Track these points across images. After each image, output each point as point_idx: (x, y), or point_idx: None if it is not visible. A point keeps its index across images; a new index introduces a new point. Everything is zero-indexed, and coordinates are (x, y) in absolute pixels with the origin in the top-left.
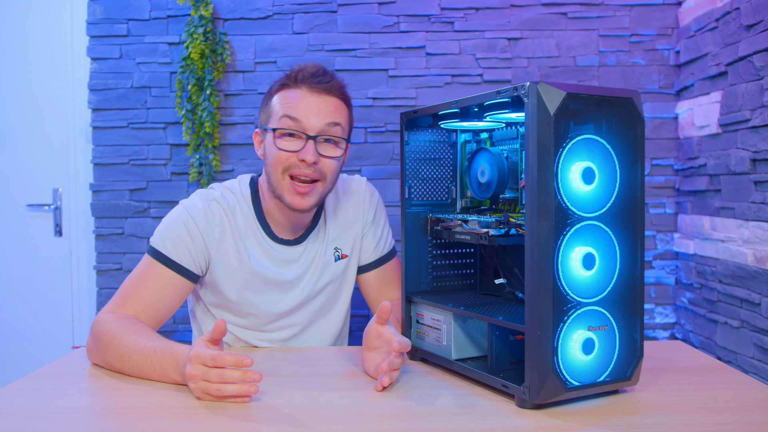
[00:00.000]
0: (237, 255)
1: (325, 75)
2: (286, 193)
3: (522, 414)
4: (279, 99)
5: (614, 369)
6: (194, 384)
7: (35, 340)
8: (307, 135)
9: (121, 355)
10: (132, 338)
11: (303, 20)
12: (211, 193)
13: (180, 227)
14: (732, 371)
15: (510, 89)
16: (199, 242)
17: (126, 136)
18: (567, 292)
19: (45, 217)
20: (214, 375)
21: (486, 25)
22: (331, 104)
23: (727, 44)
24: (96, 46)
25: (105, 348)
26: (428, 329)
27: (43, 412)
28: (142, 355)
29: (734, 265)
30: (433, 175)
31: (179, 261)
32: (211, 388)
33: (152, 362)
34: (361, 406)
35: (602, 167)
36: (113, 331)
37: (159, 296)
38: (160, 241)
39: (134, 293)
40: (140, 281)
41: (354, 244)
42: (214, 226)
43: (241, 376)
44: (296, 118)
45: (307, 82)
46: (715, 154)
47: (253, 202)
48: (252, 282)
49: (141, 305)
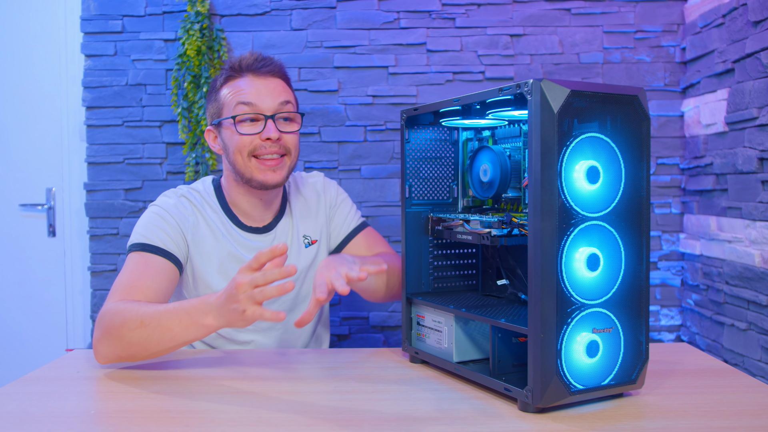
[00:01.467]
0: (214, 241)
1: (265, 59)
2: (255, 173)
3: (525, 418)
4: (229, 90)
5: (619, 372)
6: (243, 294)
7: (28, 342)
8: (265, 116)
9: (141, 321)
10: (150, 307)
11: (301, 16)
12: (178, 190)
13: (156, 219)
14: (739, 374)
15: (513, 86)
16: (176, 228)
17: (121, 135)
18: (571, 293)
19: (38, 217)
20: (259, 277)
21: (488, 21)
22: (278, 84)
23: (734, 41)
24: (90, 42)
25: (120, 325)
26: (429, 331)
27: (36, 416)
28: (165, 314)
29: (741, 266)
30: (434, 174)
31: (164, 246)
32: (256, 294)
33: (176, 315)
34: (360, 410)
35: (607, 166)
36: (127, 307)
37: (154, 281)
38: (141, 236)
39: (133, 284)
40: (134, 273)
41: (322, 230)
42: (187, 215)
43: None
44: (251, 102)
45: (252, 69)
46: (721, 152)
47: (217, 197)
48: (229, 266)
49: (143, 294)
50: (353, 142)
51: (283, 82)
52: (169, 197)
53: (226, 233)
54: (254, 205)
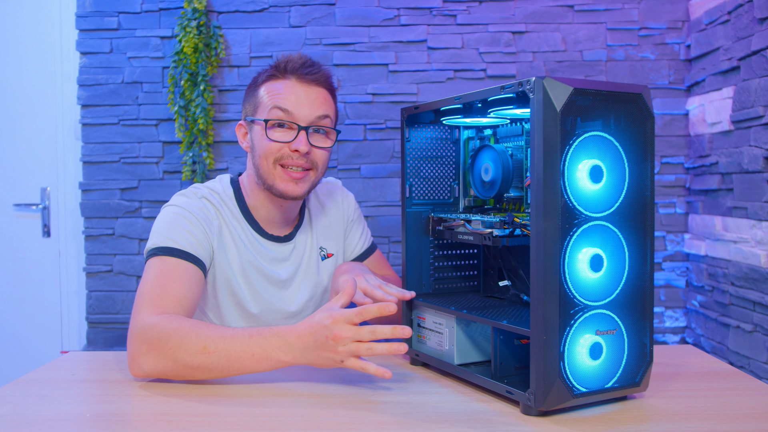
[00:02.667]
0: (235, 248)
1: (313, 66)
2: (278, 181)
3: (527, 421)
4: (267, 90)
5: (623, 374)
6: (343, 347)
7: (22, 344)
8: (299, 126)
9: (204, 347)
10: (211, 330)
11: (300, 13)
12: (198, 191)
13: (179, 219)
14: (745, 377)
15: (515, 84)
16: (201, 230)
17: (116, 133)
18: (574, 294)
19: (33, 217)
20: (365, 333)
21: (490, 18)
22: (321, 95)
23: (740, 38)
24: (85, 39)
25: (177, 346)
26: (430, 333)
27: (30, 419)
28: (234, 342)
29: (747, 267)
30: (435, 173)
31: (190, 250)
32: (361, 349)
33: (249, 346)
34: (360, 414)
35: (610, 165)
36: (183, 327)
37: (188, 289)
38: (164, 238)
39: (164, 292)
40: (164, 280)
41: (338, 244)
42: (212, 219)
43: (391, 332)
44: (287, 110)
45: (296, 73)
46: (727, 151)
47: (237, 200)
48: (250, 274)
49: (176, 302)
50: (353, 140)
51: (326, 93)
52: (190, 198)
53: (246, 240)
54: (273, 213)
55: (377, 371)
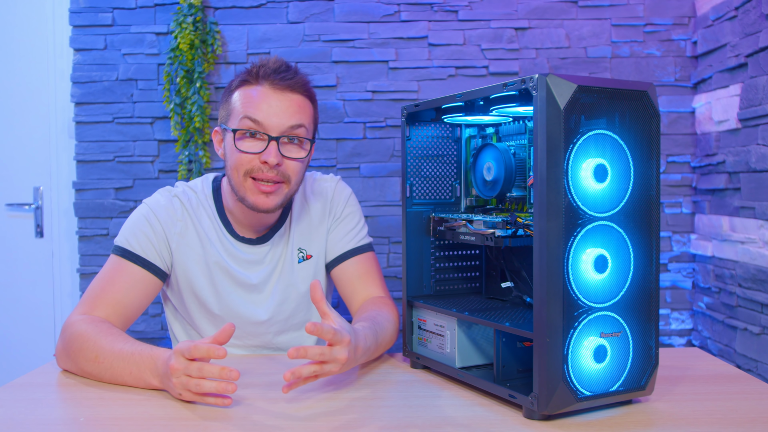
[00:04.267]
0: (201, 248)
1: (288, 71)
2: (248, 194)
3: (530, 425)
4: (239, 97)
5: (628, 378)
6: (176, 378)
7: (15, 347)
8: (269, 136)
9: (96, 356)
10: (108, 340)
11: (298, 9)
12: (174, 189)
13: (142, 222)
14: (752, 380)
15: (517, 82)
16: (160, 236)
17: (111, 132)
18: (578, 296)
19: (25, 218)
20: (194, 369)
21: (492, 13)
22: (295, 102)
23: (747, 34)
24: (79, 36)
25: (78, 350)
26: (431, 335)
27: (23, 423)
28: (119, 357)
29: (755, 268)
30: (436, 172)
31: (144, 256)
32: (190, 383)
33: (128, 364)
34: (359, 417)
35: (615, 164)
36: (87, 332)
37: (126, 294)
38: (124, 239)
39: (102, 293)
40: (107, 281)
41: (320, 246)
42: (176, 220)
43: (218, 372)
44: (257, 120)
45: (269, 79)
46: (734, 150)
47: (214, 200)
48: (216, 276)
49: (110, 304)
50: (352, 139)
51: (302, 99)
52: (162, 196)
53: (216, 240)
54: (249, 217)
55: (215, 401)
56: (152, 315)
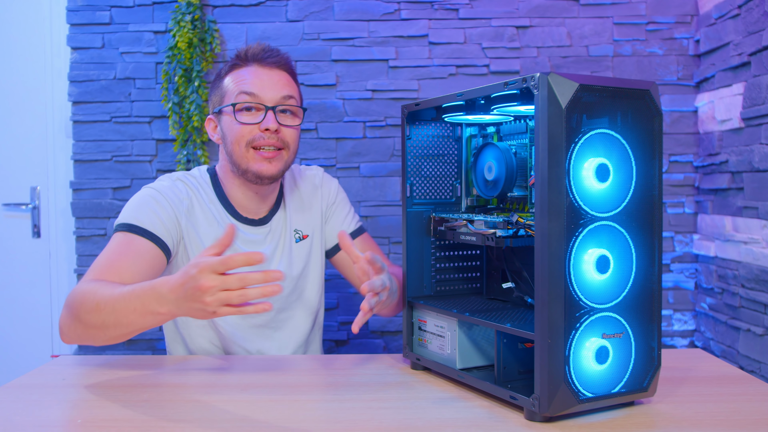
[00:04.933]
0: (208, 227)
1: (272, 51)
2: (252, 163)
3: (531, 427)
4: (232, 78)
5: (630, 379)
6: (211, 297)
7: (12, 348)
8: (266, 106)
9: (96, 304)
10: (108, 289)
11: (297, 7)
12: (174, 174)
13: (149, 200)
14: (756, 381)
15: (519, 80)
16: (169, 212)
17: (109, 131)
18: (579, 297)
19: (22, 218)
20: (233, 281)
21: (493, 12)
22: (283, 77)
23: (751, 33)
24: (77, 34)
25: (78, 307)
26: (431, 336)
27: (20, 425)
28: (119, 299)
29: (758, 269)
30: (437, 172)
31: (151, 230)
32: (232, 297)
33: (130, 301)
34: (359, 419)
35: (617, 164)
36: (87, 289)
37: (135, 264)
38: (129, 216)
39: (108, 264)
40: (114, 253)
41: (315, 226)
42: (182, 198)
43: (263, 277)
44: (253, 93)
45: (257, 59)
46: (737, 149)
47: (213, 186)
48: None
49: (117, 275)
50: (352, 138)
51: (288, 76)
52: (164, 180)
53: (221, 221)
54: (250, 197)
55: (255, 309)
56: None
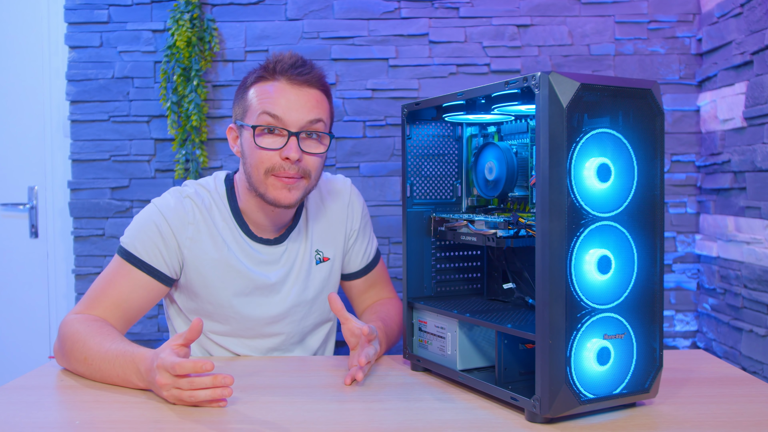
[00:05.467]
0: (215, 252)
1: (304, 66)
2: (269, 191)
3: (532, 429)
4: (256, 93)
5: (631, 380)
6: (167, 392)
7: (9, 349)
8: (288, 131)
9: (85, 358)
10: (96, 341)
11: (297, 5)
12: (185, 190)
13: (151, 227)
14: (758, 383)
15: (519, 80)
16: (171, 244)
17: (107, 130)
18: (581, 297)
19: (20, 217)
20: (184, 383)
21: (494, 10)
22: (313, 97)
23: (753, 31)
24: (74, 33)
25: (70, 350)
26: (431, 337)
27: (17, 426)
28: (105, 359)
29: (760, 269)
30: (437, 171)
31: (150, 262)
32: (183, 395)
33: (114, 366)
34: (360, 420)
35: (619, 164)
36: (78, 332)
37: (127, 297)
38: (131, 241)
39: (102, 294)
40: (108, 282)
41: (337, 249)
42: (187, 223)
43: (211, 381)
44: (276, 115)
45: (286, 74)
46: (739, 149)
47: (228, 200)
48: (232, 282)
49: (109, 306)
50: (351, 138)
51: (319, 94)
52: (173, 197)
53: (232, 241)
54: (263, 218)
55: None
56: (149, 317)
